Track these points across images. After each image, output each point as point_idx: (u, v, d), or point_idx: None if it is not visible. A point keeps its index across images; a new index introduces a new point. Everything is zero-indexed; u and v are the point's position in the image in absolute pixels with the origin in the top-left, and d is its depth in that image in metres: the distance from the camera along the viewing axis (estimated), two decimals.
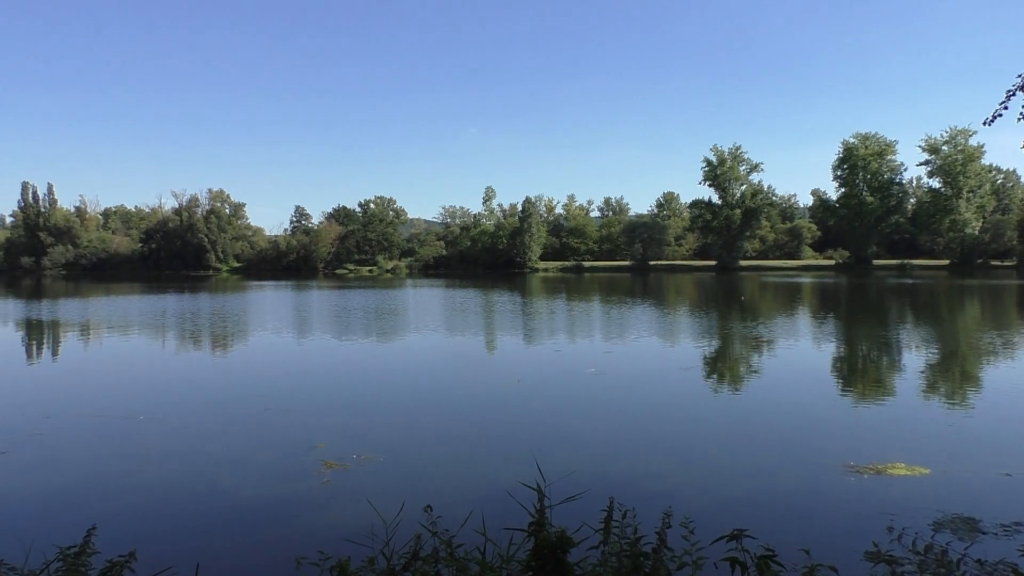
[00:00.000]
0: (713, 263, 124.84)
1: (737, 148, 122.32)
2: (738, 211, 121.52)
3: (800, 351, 23.17)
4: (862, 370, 19.84)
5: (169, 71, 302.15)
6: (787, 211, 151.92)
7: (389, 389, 17.16)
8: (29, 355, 25.17)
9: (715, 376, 18.99)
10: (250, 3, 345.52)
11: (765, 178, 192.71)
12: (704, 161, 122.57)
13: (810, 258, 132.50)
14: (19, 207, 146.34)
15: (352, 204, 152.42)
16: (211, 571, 6.97)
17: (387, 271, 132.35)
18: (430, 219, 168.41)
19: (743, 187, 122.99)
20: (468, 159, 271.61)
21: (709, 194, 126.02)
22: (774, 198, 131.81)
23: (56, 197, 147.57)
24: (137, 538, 7.56)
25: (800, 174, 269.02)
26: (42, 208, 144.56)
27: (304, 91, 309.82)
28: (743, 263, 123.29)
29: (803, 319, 35.07)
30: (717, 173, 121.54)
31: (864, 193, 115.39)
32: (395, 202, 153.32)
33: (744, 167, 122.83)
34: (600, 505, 4.22)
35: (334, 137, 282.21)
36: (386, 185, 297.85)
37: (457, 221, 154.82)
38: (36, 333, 31.41)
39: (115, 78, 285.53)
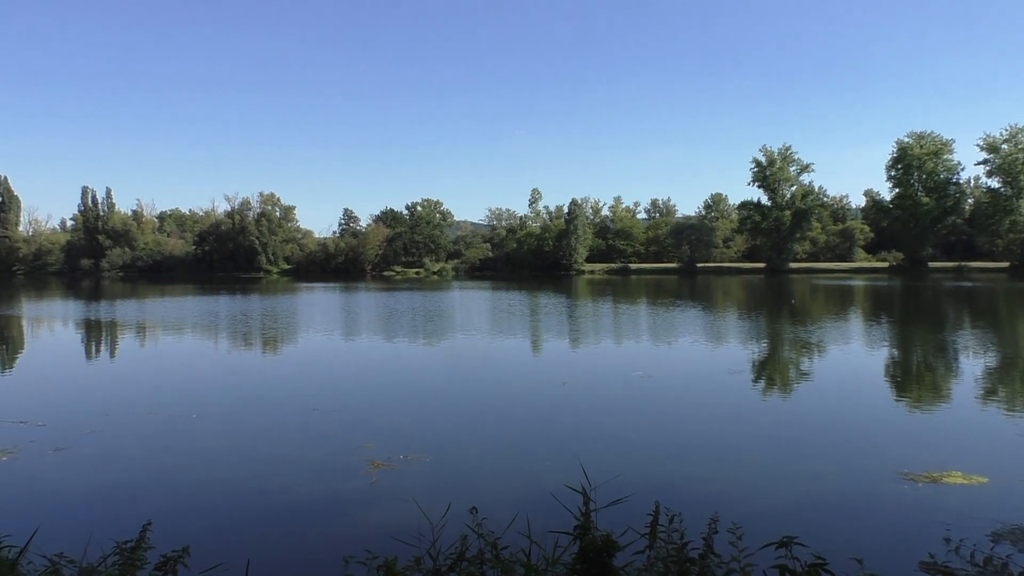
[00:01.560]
0: (762, 265, 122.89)
1: (787, 148, 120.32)
2: (788, 212, 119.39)
3: (852, 355, 22.69)
4: (917, 375, 19.34)
5: (222, 76, 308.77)
6: (839, 212, 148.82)
7: (435, 390, 17.27)
8: (88, 354, 25.95)
9: (764, 380, 18.70)
10: (299, 7, 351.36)
11: (816, 178, 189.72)
12: (753, 162, 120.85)
13: (863, 260, 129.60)
14: (79, 211, 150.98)
15: (399, 206, 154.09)
16: (261, 568, 7.08)
17: (434, 273, 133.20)
18: (476, 221, 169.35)
19: (793, 188, 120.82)
20: (514, 161, 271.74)
21: (758, 195, 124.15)
22: (825, 199, 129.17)
23: (114, 201, 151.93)
24: (190, 533, 7.74)
25: (852, 174, 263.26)
26: (101, 212, 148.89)
27: (352, 95, 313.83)
28: (793, 265, 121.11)
29: (855, 322, 34.34)
30: (766, 174, 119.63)
31: (919, 193, 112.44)
32: (442, 204, 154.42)
33: (794, 168, 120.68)
34: (646, 509, 4.18)
35: (381, 140, 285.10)
36: (433, 187, 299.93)
37: (503, 223, 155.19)
38: (95, 333, 32.38)
39: (170, 84, 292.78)
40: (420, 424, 13.46)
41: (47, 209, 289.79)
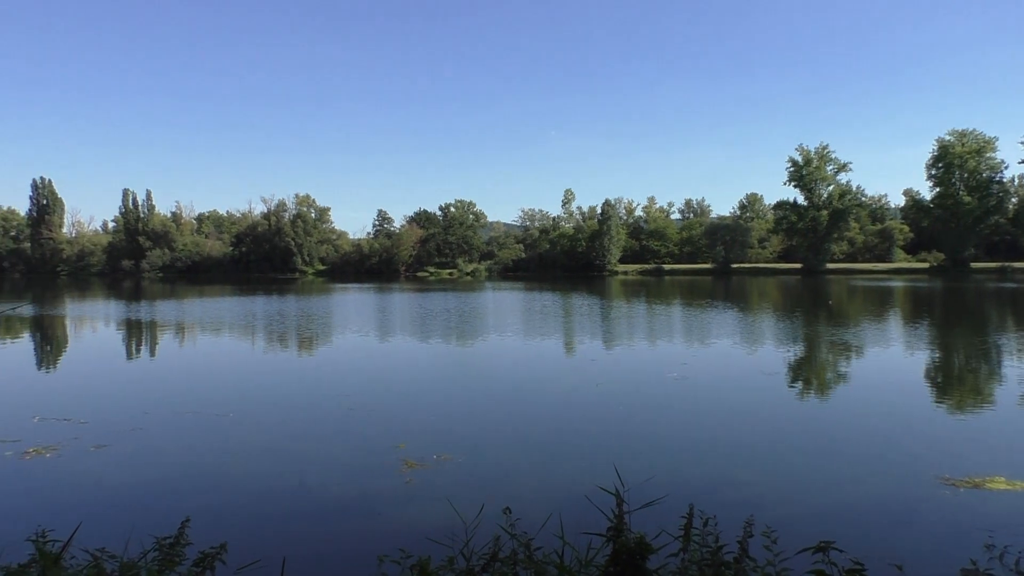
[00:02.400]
0: (798, 266, 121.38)
1: (824, 147, 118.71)
2: (825, 212, 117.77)
3: (891, 358, 22.29)
4: (958, 379, 18.94)
5: (258, 82, 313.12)
6: (877, 212, 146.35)
7: (468, 390, 17.33)
8: (129, 354, 26.45)
9: (800, 382, 18.46)
10: (333, 12, 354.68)
11: (854, 178, 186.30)
12: (789, 161, 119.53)
13: (902, 261, 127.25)
14: (120, 212, 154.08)
15: (433, 207, 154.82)
16: (297, 565, 7.18)
17: (467, 274, 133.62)
18: (509, 222, 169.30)
19: (830, 188, 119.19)
20: (548, 162, 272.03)
21: (794, 195, 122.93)
22: (863, 198, 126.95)
23: (154, 203, 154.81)
24: (227, 530, 7.87)
25: (892, 174, 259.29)
26: (141, 213, 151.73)
27: (386, 97, 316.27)
28: (830, 266, 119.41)
29: (894, 324, 33.73)
30: (803, 173, 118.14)
31: (961, 193, 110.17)
32: (475, 205, 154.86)
33: (831, 167, 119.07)
34: (679, 511, 4.16)
35: (415, 141, 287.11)
36: (466, 188, 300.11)
37: (536, 224, 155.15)
38: (136, 333, 33.00)
39: (208, 89, 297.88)
40: (453, 424, 13.51)
41: (89, 211, 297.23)
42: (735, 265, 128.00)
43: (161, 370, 22.10)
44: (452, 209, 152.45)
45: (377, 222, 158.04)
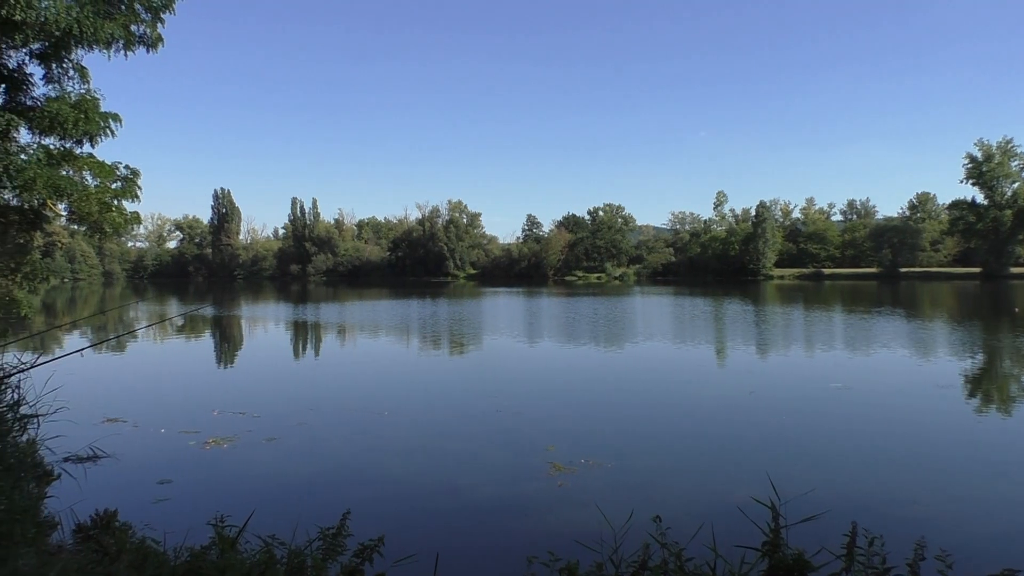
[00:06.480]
0: (977, 270, 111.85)
1: (1007, 141, 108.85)
2: (1008, 212, 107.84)
3: None
4: None
5: (413, 94, 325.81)
6: None
7: (616, 395, 17.20)
8: (296, 353, 28.23)
9: (979, 395, 17.01)
10: (482, 25, 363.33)
11: None
12: (967, 157, 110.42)
13: None
14: (289, 220, 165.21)
15: (581, 212, 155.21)
16: (449, 562, 7.38)
17: (615, 278, 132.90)
18: (659, 225, 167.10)
19: (1015, 185, 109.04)
20: (699, 163, 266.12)
21: (972, 194, 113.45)
22: None
23: (319, 211, 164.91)
24: (384, 524, 8.14)
25: None
26: (308, 221, 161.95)
27: (535, 104, 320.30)
28: (1014, 270, 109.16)
29: None
30: (983, 170, 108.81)
31: None
32: (623, 209, 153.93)
33: (1016, 163, 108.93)
34: (841, 529, 3.94)
35: (564, 145, 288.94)
36: (615, 192, 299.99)
37: (687, 227, 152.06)
38: (302, 333, 35.22)
39: (368, 102, 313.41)
40: (601, 429, 13.44)
41: (262, 219, 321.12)
42: (903, 269, 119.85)
43: (324, 368, 23.42)
44: (600, 213, 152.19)
45: (526, 227, 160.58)
